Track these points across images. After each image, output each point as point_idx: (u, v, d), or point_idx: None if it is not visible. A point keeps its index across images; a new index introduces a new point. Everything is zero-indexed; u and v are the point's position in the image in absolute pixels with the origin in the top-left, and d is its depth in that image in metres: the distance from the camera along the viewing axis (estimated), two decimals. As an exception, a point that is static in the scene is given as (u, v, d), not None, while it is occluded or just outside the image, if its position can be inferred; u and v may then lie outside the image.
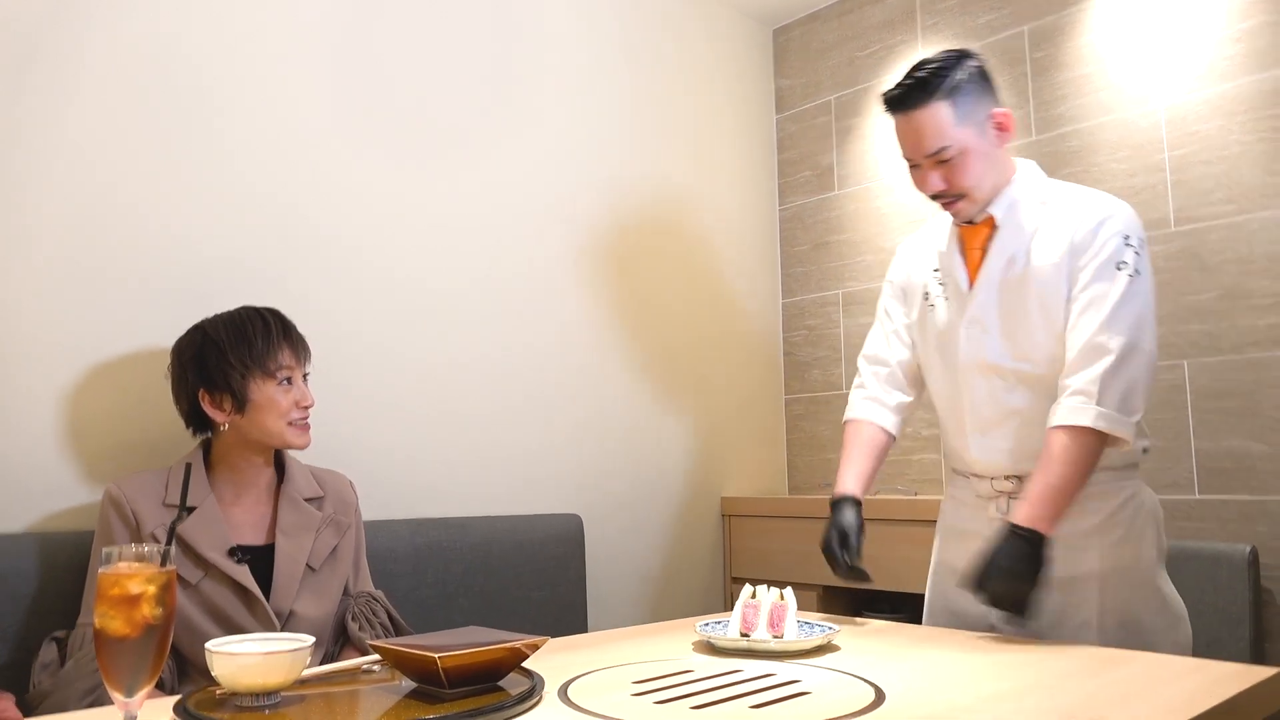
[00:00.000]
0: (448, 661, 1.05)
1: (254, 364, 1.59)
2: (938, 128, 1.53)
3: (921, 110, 1.54)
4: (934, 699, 1.10)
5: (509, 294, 2.42)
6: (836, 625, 1.47)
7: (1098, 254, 1.51)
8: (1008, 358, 1.59)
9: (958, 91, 1.54)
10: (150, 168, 1.87)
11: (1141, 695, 1.12)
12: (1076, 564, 1.56)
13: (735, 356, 3.01)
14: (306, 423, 1.64)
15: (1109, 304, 1.49)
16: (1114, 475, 1.59)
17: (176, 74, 1.91)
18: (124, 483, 1.57)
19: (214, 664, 1.06)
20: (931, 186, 1.57)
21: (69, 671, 1.43)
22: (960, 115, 1.54)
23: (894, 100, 1.57)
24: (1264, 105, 2.21)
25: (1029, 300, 1.56)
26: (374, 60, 2.21)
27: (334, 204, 2.12)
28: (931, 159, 1.55)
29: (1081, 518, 1.57)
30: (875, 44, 2.99)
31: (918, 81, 1.55)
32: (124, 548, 0.94)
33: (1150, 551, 1.59)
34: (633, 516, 2.66)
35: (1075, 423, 1.46)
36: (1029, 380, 1.58)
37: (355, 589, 1.71)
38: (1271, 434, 2.16)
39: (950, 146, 1.54)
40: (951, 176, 1.56)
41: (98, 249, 1.80)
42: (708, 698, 1.11)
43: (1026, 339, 1.57)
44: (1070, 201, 1.59)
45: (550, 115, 2.56)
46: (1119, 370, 1.46)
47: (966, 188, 1.56)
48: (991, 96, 1.59)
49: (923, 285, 1.73)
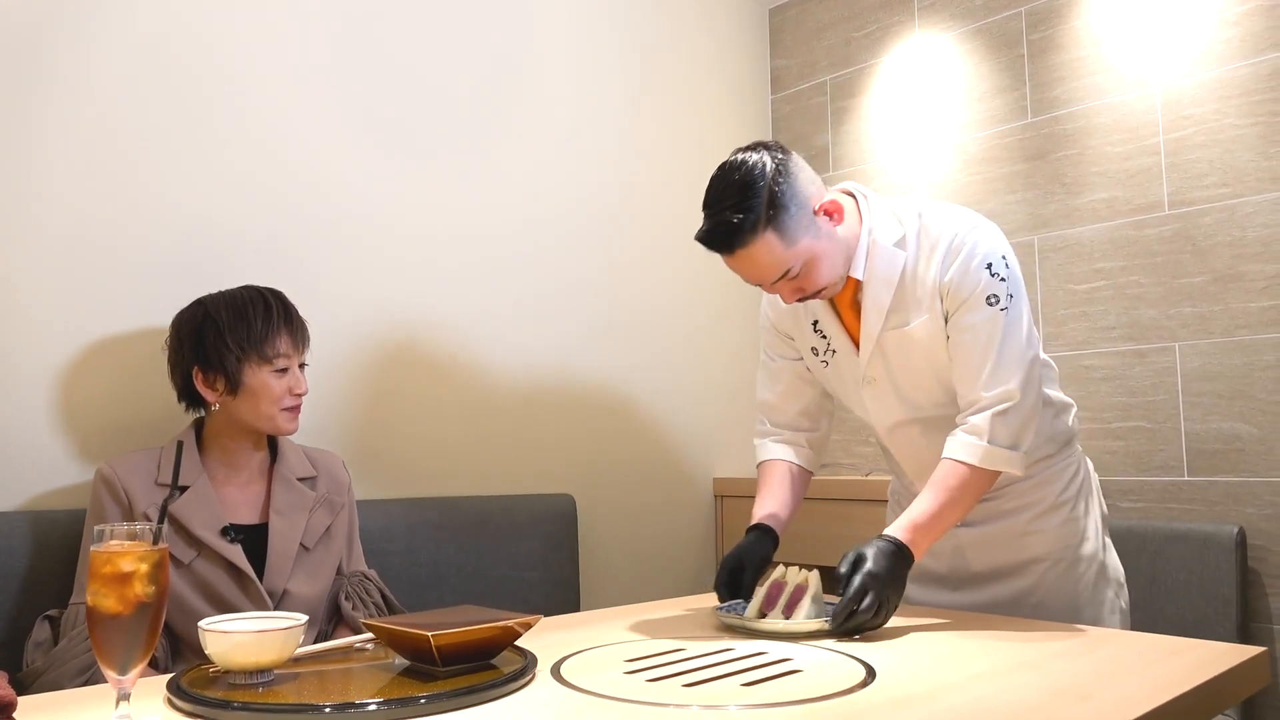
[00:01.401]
0: (441, 640, 1.06)
1: (251, 348, 1.57)
2: (772, 259, 1.41)
3: (746, 250, 1.40)
4: (924, 677, 1.11)
5: (503, 275, 2.42)
6: None
7: (967, 293, 1.44)
8: (917, 408, 1.56)
9: (776, 212, 1.38)
10: (153, 146, 1.85)
11: (1129, 673, 1.13)
12: (1029, 548, 1.60)
13: (729, 338, 3.02)
14: (298, 409, 1.64)
15: (992, 347, 1.43)
16: (1054, 459, 1.61)
17: (182, 53, 1.90)
18: (116, 462, 1.56)
19: (207, 642, 1.06)
20: (791, 299, 1.49)
21: (62, 650, 1.43)
22: (788, 236, 1.39)
23: (711, 244, 1.43)
24: (1259, 89, 2.20)
25: (914, 356, 1.51)
26: (377, 38, 2.20)
27: (333, 183, 2.11)
28: (774, 285, 1.46)
29: (1031, 505, 1.59)
30: (872, 24, 2.97)
31: (728, 226, 1.39)
32: (116, 526, 0.94)
33: (1094, 525, 1.63)
34: (625, 497, 2.67)
35: (966, 460, 1.43)
36: (948, 418, 1.52)
37: (348, 568, 1.71)
38: (1261, 416, 2.17)
39: (792, 269, 1.42)
40: (804, 284, 1.45)
41: (96, 226, 1.79)
42: (699, 675, 1.11)
43: (926, 390, 1.54)
44: (926, 235, 1.49)
45: (541, 96, 2.54)
46: (1010, 413, 1.42)
47: (823, 285, 1.46)
48: (807, 187, 1.43)
49: (809, 340, 1.63)
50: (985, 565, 1.63)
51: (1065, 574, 1.58)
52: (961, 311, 1.45)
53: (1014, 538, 1.60)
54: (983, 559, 1.63)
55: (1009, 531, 1.60)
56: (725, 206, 1.40)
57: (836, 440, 2.95)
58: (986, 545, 1.62)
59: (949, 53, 2.77)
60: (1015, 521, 1.60)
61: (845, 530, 2.52)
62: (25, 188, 1.72)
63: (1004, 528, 1.60)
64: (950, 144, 2.75)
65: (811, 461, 1.71)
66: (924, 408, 1.55)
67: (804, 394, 1.69)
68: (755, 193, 1.38)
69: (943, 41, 2.79)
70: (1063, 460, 1.62)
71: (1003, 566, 1.61)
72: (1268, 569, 2.13)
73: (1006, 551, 1.61)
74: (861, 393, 1.58)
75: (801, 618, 1.37)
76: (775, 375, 1.71)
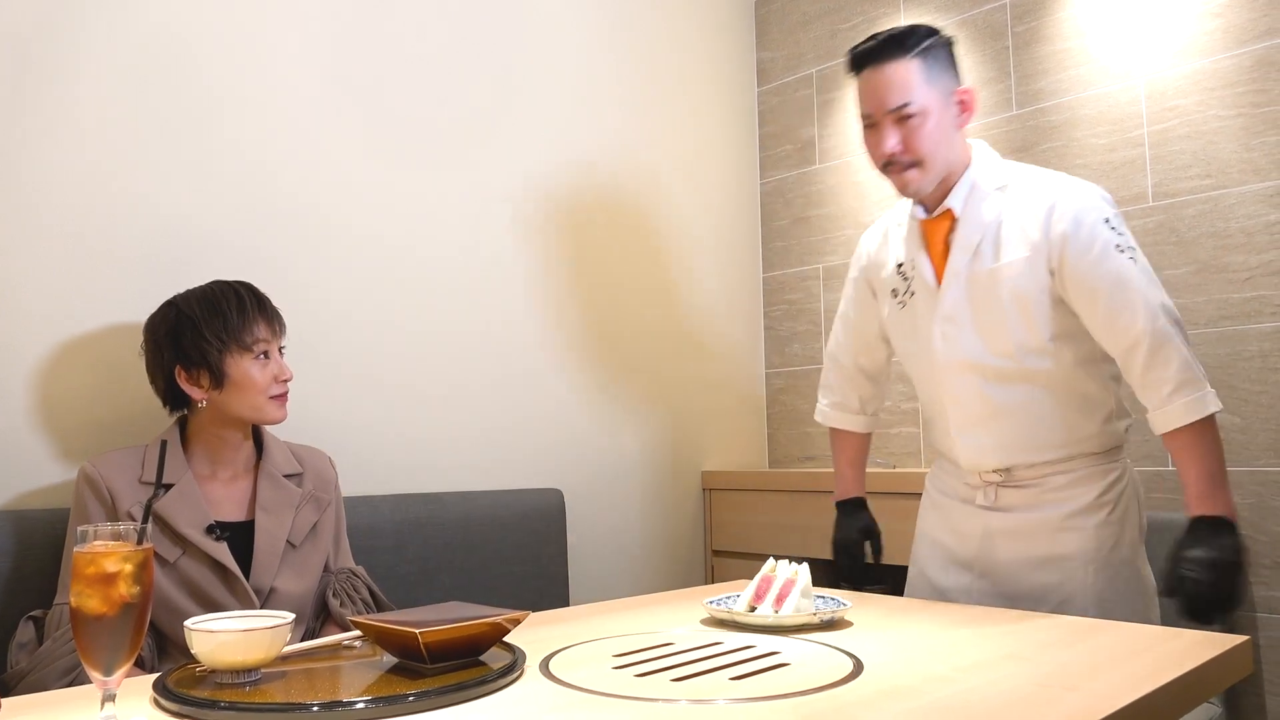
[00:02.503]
0: (429, 637, 1.06)
1: (230, 338, 1.56)
2: (905, 82, 1.52)
3: (892, 64, 1.52)
4: (911, 670, 1.12)
5: (489, 268, 2.41)
6: (848, 601, 1.46)
7: (1090, 247, 1.49)
8: (986, 354, 1.58)
9: (929, 54, 1.54)
10: (133, 143, 1.84)
11: (1114, 664, 1.14)
12: (1063, 544, 1.58)
13: (716, 330, 3.02)
14: (285, 396, 1.63)
15: (1136, 290, 1.47)
16: (1100, 459, 1.61)
17: (161, 51, 1.88)
18: (99, 461, 1.55)
19: (193, 642, 1.06)
20: (887, 147, 1.54)
21: (47, 651, 1.42)
22: (928, 77, 1.53)
23: (865, 53, 1.56)
24: (1242, 81, 2.21)
25: (1001, 295, 1.54)
26: (357, 39, 2.18)
27: (312, 179, 2.10)
28: (893, 115, 1.53)
29: (1069, 500, 1.59)
30: (858, 16, 2.97)
31: (891, 37, 1.54)
32: (100, 526, 0.94)
33: (1133, 532, 1.61)
34: (614, 491, 2.66)
35: (1198, 417, 1.46)
36: (1009, 375, 1.57)
37: (336, 565, 1.70)
38: (1245, 406, 2.18)
39: (914, 103, 1.52)
40: (909, 138, 1.53)
41: (74, 223, 1.77)
42: (688, 670, 1.12)
43: (1002, 334, 1.56)
44: (1032, 189, 1.55)
45: (526, 89, 2.53)
46: (1183, 348, 1.47)
47: (922, 154, 1.53)
48: (957, 75, 1.58)
49: (890, 283, 1.71)
50: (1014, 555, 1.61)
51: (1096, 575, 1.56)
52: (1089, 264, 1.49)
53: (1049, 532, 1.58)
54: (1012, 549, 1.61)
55: (1044, 524, 1.59)
56: (887, 33, 1.56)
57: (824, 433, 2.95)
58: (1018, 535, 1.61)
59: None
60: (1052, 515, 1.58)
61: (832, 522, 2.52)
62: (4, 187, 1.70)
63: (1040, 519, 1.59)
64: (936, 136, 2.75)
65: (869, 424, 1.90)
66: (991, 355, 1.57)
67: (875, 353, 1.83)
68: (919, 36, 1.55)
69: (928, 34, 2.78)
70: (1109, 462, 1.61)
71: (1032, 559, 1.60)
72: (1252, 558, 2.15)
73: (1038, 544, 1.59)
74: (935, 330, 1.61)
75: (790, 611, 1.37)
76: (848, 330, 1.82)
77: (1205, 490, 1.45)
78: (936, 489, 1.76)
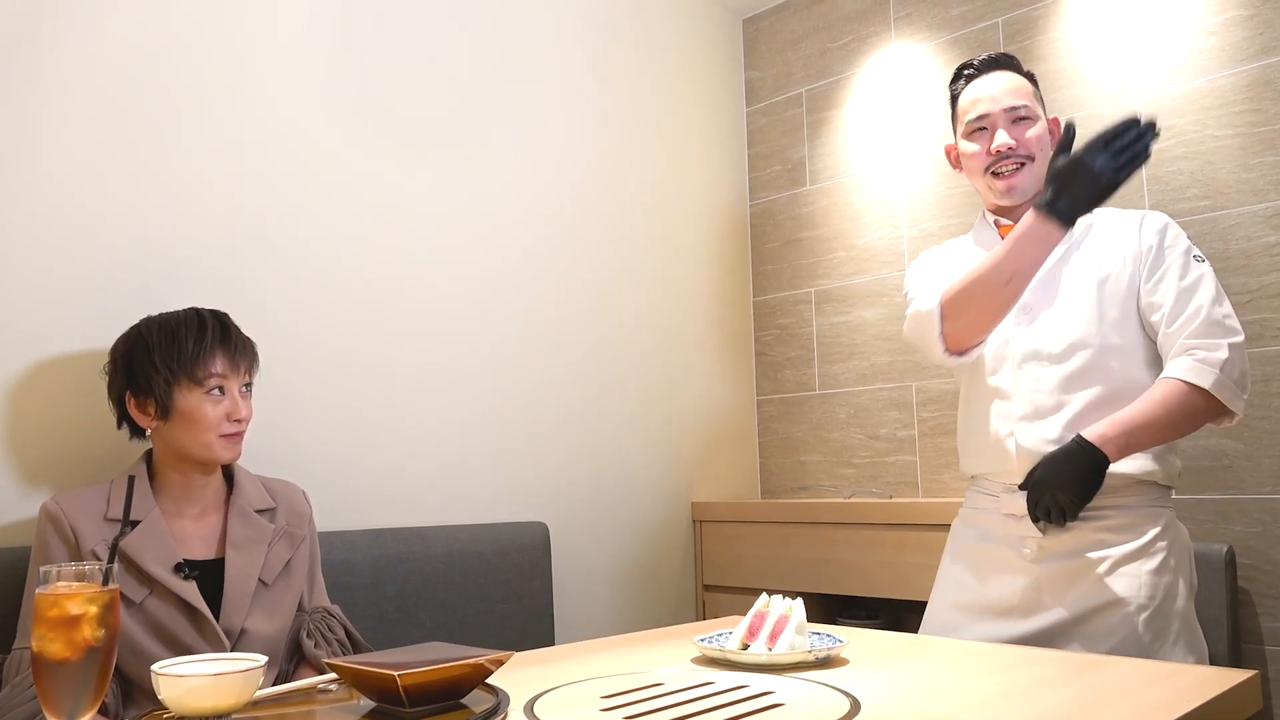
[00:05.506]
0: (408, 679, 1.03)
1: (180, 370, 1.50)
2: (1022, 89, 1.67)
3: (1012, 73, 1.69)
4: (909, 708, 1.09)
5: (469, 295, 2.36)
6: (843, 637, 1.42)
7: (1172, 250, 1.58)
8: (1059, 344, 1.59)
9: (1033, 80, 1.71)
10: (103, 164, 1.78)
11: (1118, 701, 1.11)
12: (1111, 589, 1.51)
13: (705, 357, 2.97)
14: (238, 436, 1.56)
15: (1211, 286, 1.54)
16: (1150, 500, 1.57)
17: (133, 68, 1.84)
18: (62, 498, 1.49)
19: (160, 687, 1.02)
20: (1003, 141, 1.62)
21: (5, 698, 1.36)
22: (1036, 95, 1.69)
23: (988, 61, 1.71)
24: (1238, 100, 2.19)
25: (1087, 282, 1.59)
26: (331, 54, 2.14)
27: (292, 205, 2.05)
28: (1010, 114, 1.64)
29: (1120, 543, 1.53)
30: (847, 35, 2.95)
31: (1010, 57, 1.72)
32: (63, 566, 0.92)
33: (1185, 586, 1.55)
34: (600, 524, 2.60)
35: (1194, 381, 1.46)
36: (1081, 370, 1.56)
37: (310, 604, 1.65)
38: (1248, 432, 2.14)
39: (1029, 107, 1.65)
40: (1022, 138, 1.64)
41: (42, 246, 1.71)
42: (679, 711, 1.08)
43: (1080, 320, 1.58)
44: (1116, 208, 1.66)
45: (511, 110, 2.49)
46: (1240, 349, 1.49)
47: (1034, 151, 1.63)
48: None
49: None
50: (1060, 603, 1.54)
51: (1147, 625, 1.49)
52: (1172, 260, 1.57)
53: (1098, 576, 1.52)
54: (1059, 594, 1.55)
55: (1093, 567, 1.52)
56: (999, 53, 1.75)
57: (817, 462, 2.91)
58: (1065, 580, 1.54)
59: (926, 64, 2.75)
60: (1102, 556, 1.52)
61: (827, 554, 2.47)
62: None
63: (1088, 563, 1.53)
64: (929, 156, 2.72)
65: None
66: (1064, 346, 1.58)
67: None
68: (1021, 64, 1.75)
69: (919, 52, 2.76)
70: (1156, 505, 1.57)
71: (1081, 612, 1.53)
72: (1258, 588, 2.10)
73: (1086, 592, 1.53)
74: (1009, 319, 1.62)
75: (784, 649, 1.34)
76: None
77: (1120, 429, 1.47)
78: (972, 532, 1.70)
